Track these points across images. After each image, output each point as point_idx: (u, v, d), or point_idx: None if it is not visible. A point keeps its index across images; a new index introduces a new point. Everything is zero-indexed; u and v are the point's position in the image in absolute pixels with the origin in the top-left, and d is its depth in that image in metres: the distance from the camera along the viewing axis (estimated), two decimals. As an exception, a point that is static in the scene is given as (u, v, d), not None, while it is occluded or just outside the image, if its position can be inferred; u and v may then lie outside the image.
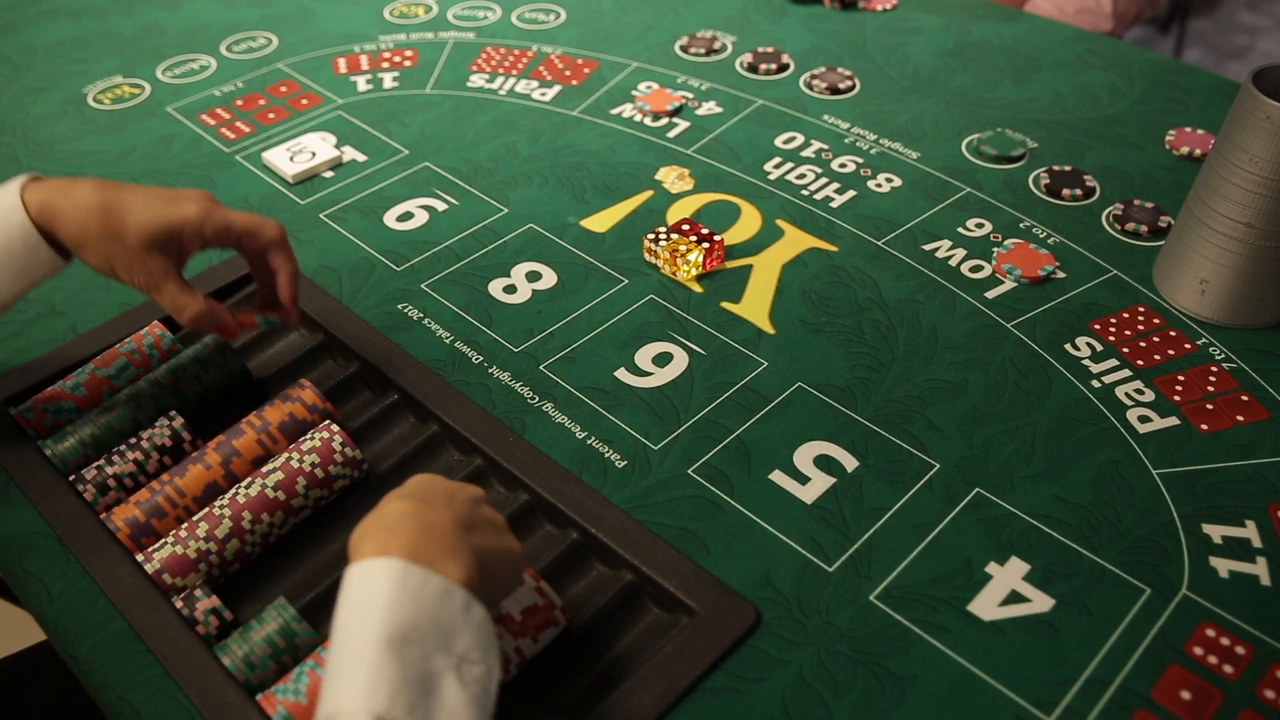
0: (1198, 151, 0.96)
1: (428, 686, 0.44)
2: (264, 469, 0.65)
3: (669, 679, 0.56)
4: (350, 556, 0.48)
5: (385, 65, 1.14)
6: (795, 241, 0.87)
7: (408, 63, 1.15)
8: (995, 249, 0.86)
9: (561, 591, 0.62)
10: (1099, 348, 0.77)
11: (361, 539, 0.48)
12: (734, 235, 0.88)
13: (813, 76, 1.09)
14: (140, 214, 0.63)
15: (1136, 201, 0.90)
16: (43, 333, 0.80)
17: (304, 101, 1.08)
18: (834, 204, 0.92)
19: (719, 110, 1.05)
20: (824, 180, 0.95)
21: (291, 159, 0.98)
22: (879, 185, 0.94)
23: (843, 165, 0.97)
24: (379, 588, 0.45)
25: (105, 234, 0.62)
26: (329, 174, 0.98)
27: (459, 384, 0.74)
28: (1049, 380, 0.74)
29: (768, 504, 0.66)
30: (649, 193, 0.94)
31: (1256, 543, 0.63)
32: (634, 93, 1.08)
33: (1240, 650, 0.57)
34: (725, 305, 0.81)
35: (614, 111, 1.05)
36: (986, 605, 0.60)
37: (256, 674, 0.57)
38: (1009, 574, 0.61)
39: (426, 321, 0.80)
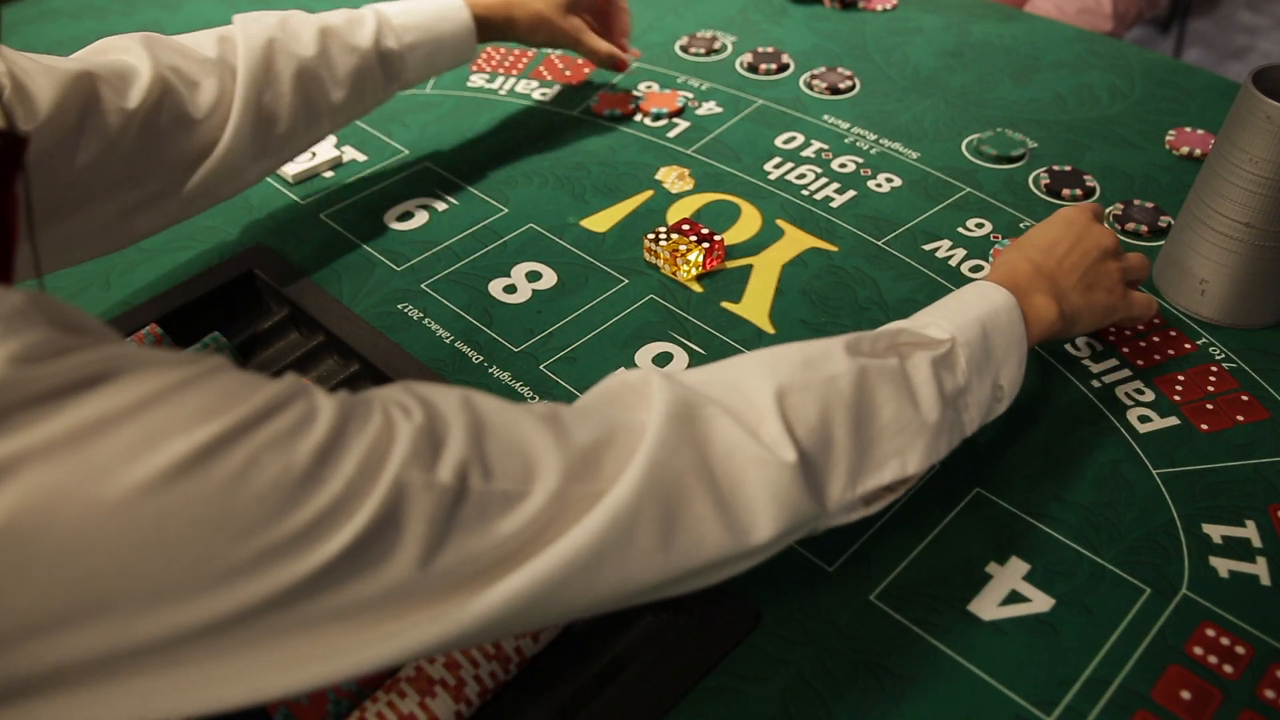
0: (1198, 151, 0.95)
1: (982, 373, 0.59)
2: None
3: (669, 679, 0.56)
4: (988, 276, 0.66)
5: (385, 65, 1.14)
6: (795, 241, 0.87)
7: (408, 63, 1.15)
8: (995, 249, 0.86)
9: (561, 591, 0.61)
10: (1099, 347, 0.76)
11: (998, 265, 0.67)
12: (734, 235, 0.88)
13: (813, 76, 1.09)
14: (546, 4, 0.95)
15: (1136, 201, 0.90)
16: (43, 333, 0.80)
17: (304, 101, 1.08)
18: (834, 204, 0.92)
19: (719, 110, 1.05)
20: (824, 180, 0.95)
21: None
22: (879, 185, 0.94)
23: (843, 165, 0.97)
24: (997, 301, 0.61)
25: (533, 18, 0.94)
26: (329, 174, 0.98)
27: (459, 384, 0.74)
28: (1049, 380, 0.74)
29: (768, 504, 0.66)
30: (649, 193, 0.94)
31: (1256, 543, 0.63)
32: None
33: (1240, 650, 0.57)
34: (725, 305, 0.81)
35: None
36: (986, 605, 0.60)
37: (256, 674, 0.56)
38: (1009, 574, 0.61)
39: (426, 321, 0.80)
